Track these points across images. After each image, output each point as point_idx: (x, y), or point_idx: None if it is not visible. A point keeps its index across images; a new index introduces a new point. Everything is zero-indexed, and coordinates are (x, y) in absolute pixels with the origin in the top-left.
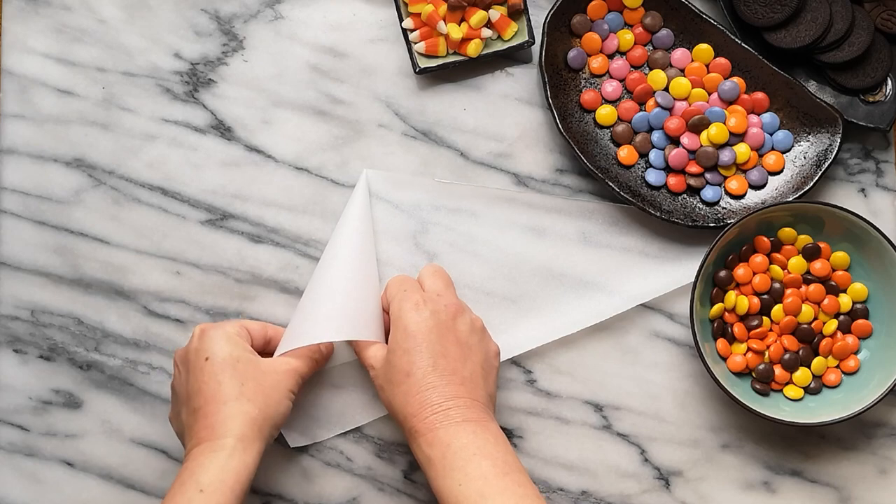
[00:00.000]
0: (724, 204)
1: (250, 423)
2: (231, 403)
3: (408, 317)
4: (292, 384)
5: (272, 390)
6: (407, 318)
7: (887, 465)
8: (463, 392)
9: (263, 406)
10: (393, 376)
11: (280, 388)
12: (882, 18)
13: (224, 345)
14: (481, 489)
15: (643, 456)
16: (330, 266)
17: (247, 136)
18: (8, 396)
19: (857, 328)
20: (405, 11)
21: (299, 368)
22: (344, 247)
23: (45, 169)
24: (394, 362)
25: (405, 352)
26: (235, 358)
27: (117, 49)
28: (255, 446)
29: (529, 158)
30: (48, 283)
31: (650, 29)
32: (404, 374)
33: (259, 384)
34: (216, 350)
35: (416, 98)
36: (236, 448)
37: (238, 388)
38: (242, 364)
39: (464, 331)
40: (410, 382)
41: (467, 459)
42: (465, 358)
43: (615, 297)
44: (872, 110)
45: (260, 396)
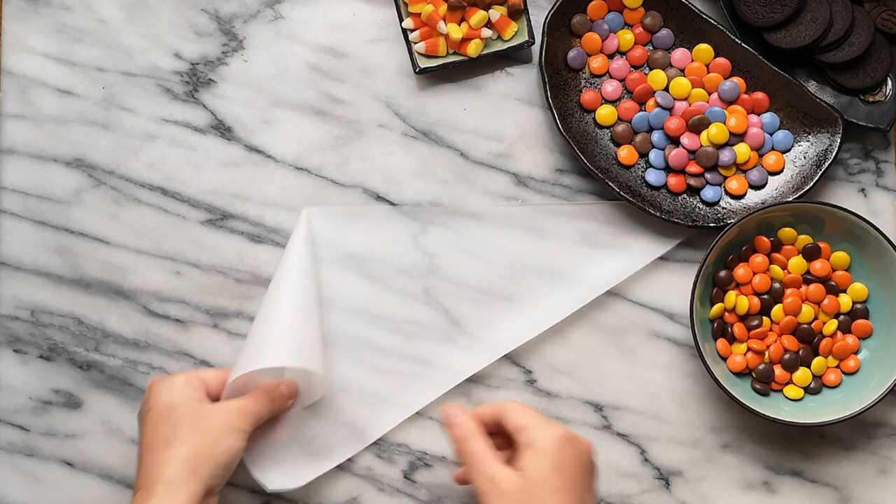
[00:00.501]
0: (724, 204)
1: (181, 465)
2: (161, 450)
3: (561, 451)
4: (239, 422)
5: (210, 429)
6: (560, 453)
7: (887, 465)
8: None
9: (198, 446)
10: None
11: (221, 427)
12: (882, 18)
13: (165, 394)
14: None
15: (643, 456)
16: (272, 302)
17: (247, 136)
18: (8, 396)
19: (857, 328)
20: (405, 11)
21: (250, 406)
22: (286, 283)
23: (45, 169)
24: (542, 497)
25: (554, 490)
26: (174, 405)
27: (117, 49)
28: (187, 488)
29: (529, 158)
30: (48, 283)
31: (650, 29)
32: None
33: (195, 425)
34: (156, 401)
35: (416, 98)
36: (164, 493)
37: (171, 434)
38: (180, 409)
39: (593, 475)
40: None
41: None
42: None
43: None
44: (872, 110)
45: (195, 437)
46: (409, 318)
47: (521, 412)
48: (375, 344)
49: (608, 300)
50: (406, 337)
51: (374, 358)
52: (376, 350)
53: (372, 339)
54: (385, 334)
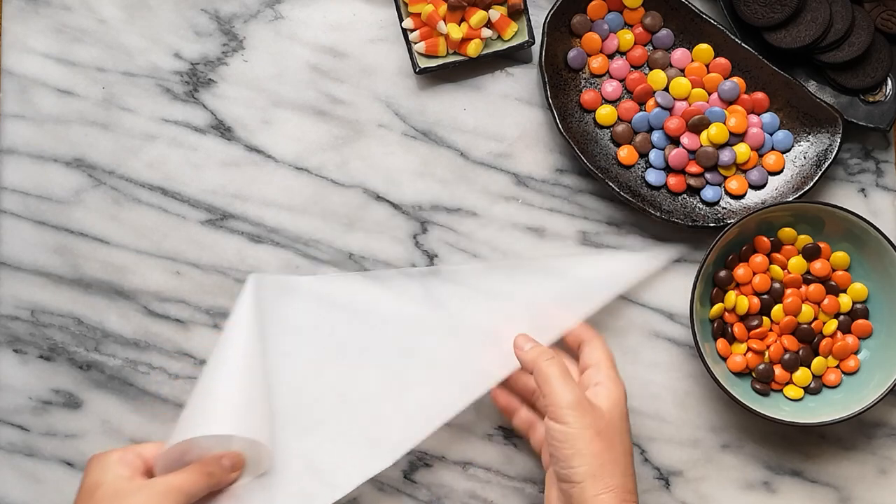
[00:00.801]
0: (724, 204)
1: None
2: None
3: (624, 404)
4: (166, 503)
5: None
6: (624, 406)
7: (887, 465)
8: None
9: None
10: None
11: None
12: (882, 18)
13: (94, 474)
14: None
15: (643, 456)
16: (215, 368)
17: (247, 136)
18: (8, 396)
19: (857, 328)
20: (405, 11)
21: (180, 485)
22: (231, 349)
23: (45, 169)
24: (622, 433)
25: (627, 431)
26: (97, 484)
27: (117, 49)
28: None
29: (529, 158)
30: (48, 283)
31: (650, 29)
32: (628, 450)
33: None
34: (85, 480)
35: (416, 98)
36: None
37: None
38: (102, 489)
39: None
40: (629, 461)
41: None
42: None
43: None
44: (872, 110)
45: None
46: (357, 386)
47: (602, 352)
48: (322, 415)
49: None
50: (353, 407)
51: (321, 429)
52: (323, 421)
53: (318, 410)
54: (333, 404)
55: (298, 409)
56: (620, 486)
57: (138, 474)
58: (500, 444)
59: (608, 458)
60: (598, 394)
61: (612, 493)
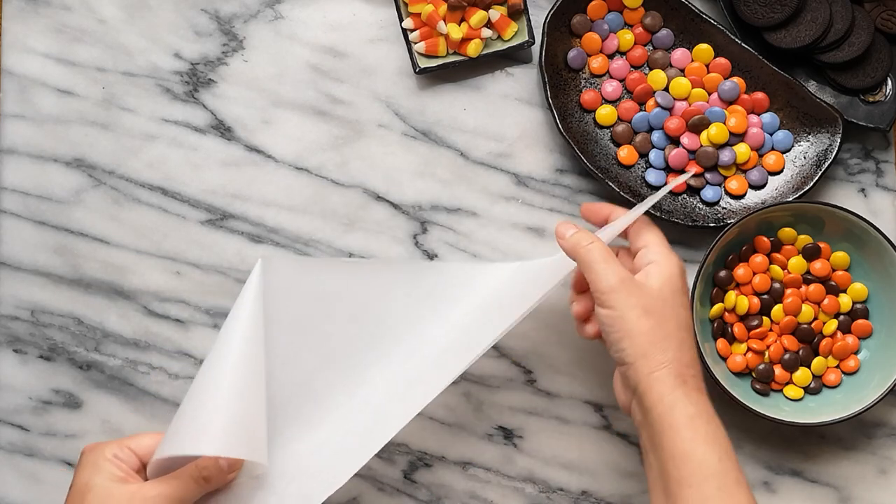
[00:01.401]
0: (724, 204)
1: None
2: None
3: (682, 279)
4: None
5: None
6: (682, 280)
7: (887, 465)
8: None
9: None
10: (670, 316)
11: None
12: (882, 18)
13: (85, 473)
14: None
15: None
16: (217, 367)
17: (247, 136)
18: (8, 396)
19: (857, 328)
20: (405, 11)
21: (171, 492)
22: (234, 346)
23: (45, 169)
24: (675, 307)
25: (683, 306)
26: (87, 487)
27: (117, 49)
28: None
29: (529, 158)
30: (48, 283)
31: (650, 29)
32: (683, 325)
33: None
34: (76, 479)
35: (416, 98)
36: None
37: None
38: (92, 494)
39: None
40: (686, 336)
41: (724, 438)
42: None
43: None
44: (872, 110)
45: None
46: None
47: (652, 233)
48: (323, 412)
49: None
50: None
51: (322, 427)
52: (323, 419)
53: (319, 407)
54: (335, 402)
55: (299, 406)
56: (675, 359)
57: (131, 474)
58: (500, 444)
59: (659, 334)
60: (649, 273)
61: (666, 370)
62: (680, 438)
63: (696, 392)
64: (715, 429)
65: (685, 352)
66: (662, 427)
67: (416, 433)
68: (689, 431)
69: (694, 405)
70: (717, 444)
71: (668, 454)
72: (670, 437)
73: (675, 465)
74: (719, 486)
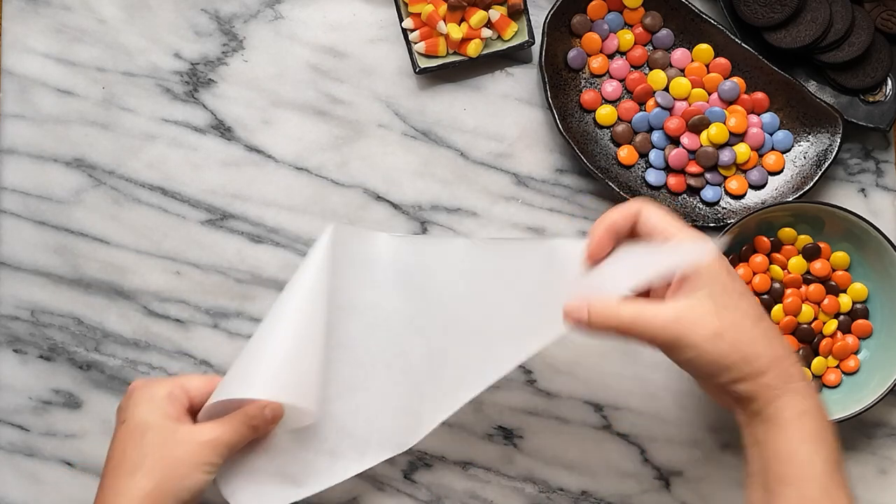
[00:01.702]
0: (724, 204)
1: (140, 501)
2: (125, 479)
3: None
4: (210, 455)
5: (179, 463)
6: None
7: (887, 465)
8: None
9: (162, 479)
10: (741, 319)
11: (191, 461)
12: (882, 18)
13: (142, 409)
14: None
15: (643, 456)
16: (278, 320)
17: (247, 136)
18: (8, 396)
19: (857, 328)
20: (405, 11)
21: (224, 437)
22: (296, 303)
23: (45, 169)
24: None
25: (740, 294)
26: (147, 425)
27: (117, 49)
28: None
29: (529, 158)
30: (48, 283)
31: (650, 29)
32: (756, 316)
33: (164, 456)
34: (132, 414)
35: (416, 98)
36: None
37: (138, 461)
38: (153, 433)
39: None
40: (765, 325)
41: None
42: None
43: None
44: (872, 110)
45: (161, 470)
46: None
47: (663, 219)
48: (366, 379)
49: None
50: (396, 375)
51: (362, 394)
52: (365, 386)
53: (363, 373)
54: (378, 370)
55: (345, 368)
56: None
57: (184, 414)
58: (500, 444)
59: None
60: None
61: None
62: (786, 437)
63: (804, 385)
64: (823, 427)
65: (775, 344)
66: (768, 425)
67: None
68: (797, 430)
69: (803, 401)
70: (825, 443)
71: (772, 451)
72: (775, 435)
73: (778, 462)
74: (822, 487)
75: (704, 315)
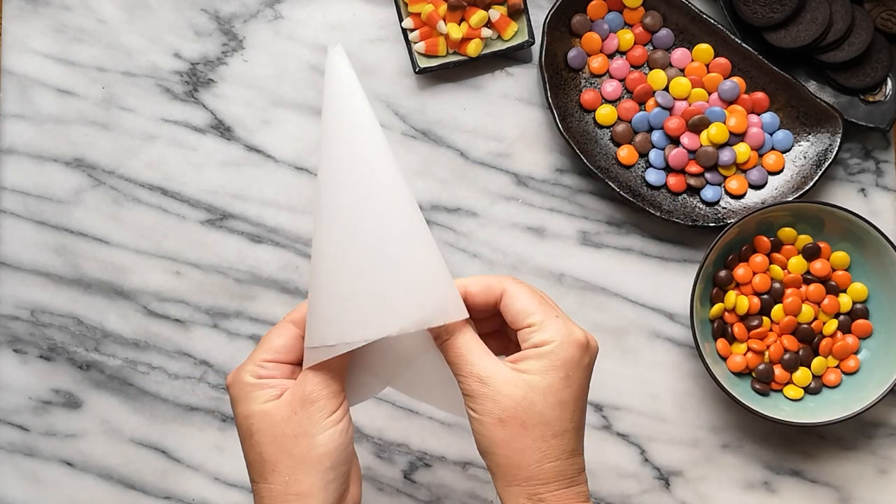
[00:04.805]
0: (724, 204)
1: (283, 499)
2: (260, 483)
3: (575, 361)
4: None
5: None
6: (574, 363)
7: (887, 465)
8: (583, 463)
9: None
10: (534, 425)
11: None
12: (882, 18)
13: (239, 406)
14: None
15: (643, 456)
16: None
17: (247, 136)
18: (8, 396)
19: (857, 328)
20: (405, 11)
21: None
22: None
23: (45, 169)
24: (544, 411)
25: (559, 404)
26: (250, 427)
27: (117, 49)
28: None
29: (529, 158)
30: (48, 283)
31: (650, 29)
32: (553, 431)
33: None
34: (235, 412)
35: (416, 98)
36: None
37: (260, 463)
38: (258, 433)
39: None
40: (555, 444)
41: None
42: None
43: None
44: (872, 110)
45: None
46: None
47: (527, 297)
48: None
49: (608, 300)
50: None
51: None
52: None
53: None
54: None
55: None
56: (530, 477)
57: (284, 382)
58: None
59: (514, 446)
60: (528, 367)
61: (518, 488)
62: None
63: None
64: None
65: (545, 465)
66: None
67: (416, 433)
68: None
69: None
70: None
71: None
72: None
73: None
74: None
75: (508, 398)
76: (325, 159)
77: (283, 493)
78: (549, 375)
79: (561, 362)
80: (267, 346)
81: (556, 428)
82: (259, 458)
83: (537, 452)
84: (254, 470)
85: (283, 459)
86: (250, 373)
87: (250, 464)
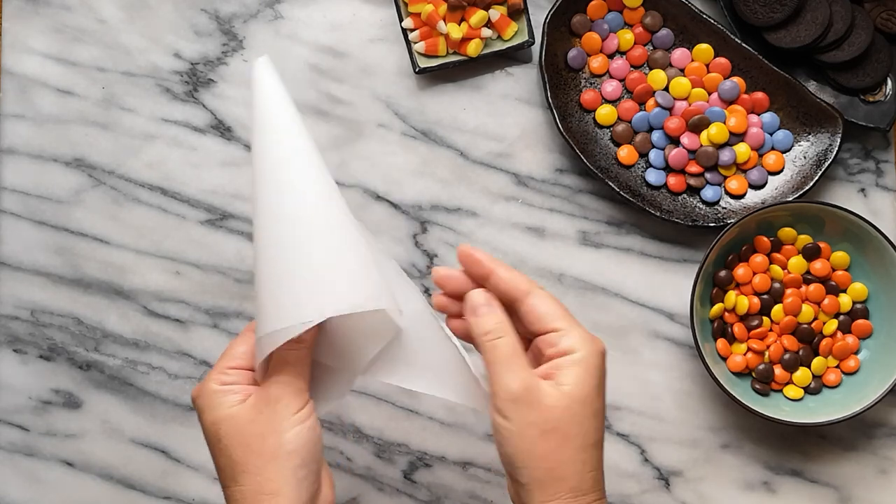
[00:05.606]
0: (724, 204)
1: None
2: (230, 487)
3: (602, 366)
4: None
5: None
6: (602, 371)
7: (887, 465)
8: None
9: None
10: (575, 435)
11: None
12: (882, 18)
13: (206, 414)
14: None
15: (643, 456)
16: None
17: (247, 135)
18: (8, 396)
19: (857, 328)
20: (405, 11)
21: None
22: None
23: (45, 169)
24: (584, 422)
25: (595, 413)
26: (216, 425)
27: (117, 49)
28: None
29: (529, 158)
30: (48, 283)
31: (650, 29)
32: (592, 440)
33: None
34: (202, 422)
35: (416, 98)
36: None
37: (230, 467)
38: (223, 430)
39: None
40: (593, 453)
41: None
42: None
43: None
44: (872, 110)
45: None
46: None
47: (553, 301)
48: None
49: (608, 300)
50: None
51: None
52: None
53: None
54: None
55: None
56: (573, 488)
57: (248, 387)
58: None
59: (558, 458)
60: (562, 376)
61: (560, 500)
62: None
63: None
64: None
65: (586, 476)
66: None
67: (416, 433)
68: None
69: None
70: None
71: None
72: None
73: None
74: None
75: (551, 408)
76: (256, 164)
77: (256, 492)
78: (585, 385)
79: (594, 371)
80: (230, 353)
81: (593, 437)
82: (229, 462)
83: (579, 463)
84: (224, 474)
85: (253, 460)
86: (215, 381)
87: (220, 469)
